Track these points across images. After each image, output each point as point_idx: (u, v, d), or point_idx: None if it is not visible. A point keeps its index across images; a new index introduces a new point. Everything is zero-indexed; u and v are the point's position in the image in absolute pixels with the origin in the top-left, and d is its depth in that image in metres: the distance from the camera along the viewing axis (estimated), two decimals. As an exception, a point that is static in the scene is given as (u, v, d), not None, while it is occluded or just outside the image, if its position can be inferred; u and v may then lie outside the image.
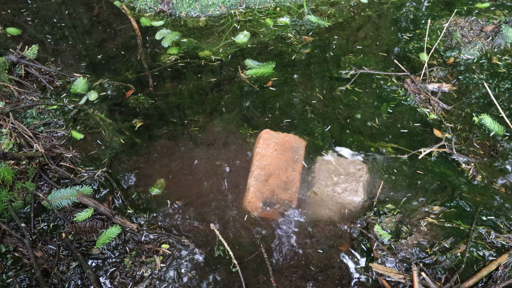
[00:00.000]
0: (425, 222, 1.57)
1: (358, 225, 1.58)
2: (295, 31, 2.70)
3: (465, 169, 1.76)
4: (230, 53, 2.52)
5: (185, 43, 2.60)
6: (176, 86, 2.29)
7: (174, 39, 2.63)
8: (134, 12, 2.96)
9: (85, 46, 2.65)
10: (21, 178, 1.75)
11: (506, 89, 2.16)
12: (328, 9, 2.91)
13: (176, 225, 1.62)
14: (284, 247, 1.54)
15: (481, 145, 1.87)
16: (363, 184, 1.68)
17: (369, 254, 1.50)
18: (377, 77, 2.29)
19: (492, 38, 2.44)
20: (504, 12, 2.66)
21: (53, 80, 2.35)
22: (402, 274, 1.41)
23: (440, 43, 2.50)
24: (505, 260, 1.42)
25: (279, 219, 1.62)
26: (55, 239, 1.58)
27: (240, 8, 2.96)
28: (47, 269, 1.48)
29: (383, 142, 1.90)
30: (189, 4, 2.91)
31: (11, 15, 2.96)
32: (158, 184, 1.75)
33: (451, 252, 1.47)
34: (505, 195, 1.65)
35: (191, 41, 2.61)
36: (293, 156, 1.79)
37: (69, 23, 2.90)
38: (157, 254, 1.51)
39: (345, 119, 2.04)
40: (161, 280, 1.45)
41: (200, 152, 1.89)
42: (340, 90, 2.21)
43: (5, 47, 2.57)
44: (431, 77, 2.25)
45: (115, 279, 1.45)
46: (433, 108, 2.06)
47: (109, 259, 1.52)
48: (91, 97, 2.20)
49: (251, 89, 2.24)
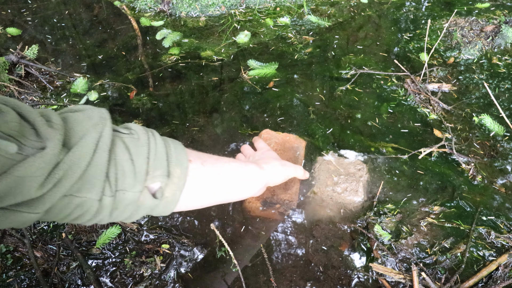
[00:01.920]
0: (425, 222, 1.57)
1: (358, 225, 1.58)
2: (295, 31, 2.69)
3: (465, 169, 1.76)
4: (232, 53, 2.52)
5: (186, 43, 2.60)
6: (177, 86, 2.29)
7: (175, 39, 2.63)
8: (134, 12, 2.96)
9: (85, 46, 2.65)
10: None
11: (506, 89, 2.16)
12: (328, 9, 2.91)
13: (176, 225, 1.62)
14: (284, 247, 1.54)
15: (481, 145, 1.87)
16: (363, 184, 1.69)
17: (369, 254, 1.50)
18: (377, 77, 2.29)
19: (492, 38, 2.44)
20: (504, 12, 2.66)
21: (53, 80, 2.35)
22: (402, 274, 1.41)
23: (440, 43, 2.50)
24: (505, 260, 1.42)
25: (279, 219, 1.63)
26: (55, 239, 1.58)
27: (240, 8, 2.96)
28: (47, 269, 1.48)
29: (383, 142, 1.90)
30: (189, 4, 2.91)
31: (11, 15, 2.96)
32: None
33: (451, 252, 1.47)
34: (505, 195, 1.65)
35: (192, 42, 2.61)
36: (293, 156, 1.79)
37: (69, 23, 2.90)
38: (157, 254, 1.52)
39: (345, 119, 2.04)
40: (161, 280, 1.45)
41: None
42: (340, 90, 2.21)
43: (5, 47, 2.56)
44: (431, 77, 2.25)
45: (115, 279, 1.46)
46: (433, 108, 2.06)
47: (109, 259, 1.52)
48: (91, 97, 2.20)
49: (253, 90, 2.24)
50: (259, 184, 0.99)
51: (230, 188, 0.83)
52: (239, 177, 0.86)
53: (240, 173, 0.87)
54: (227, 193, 0.83)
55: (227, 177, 0.81)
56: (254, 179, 0.93)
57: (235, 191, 0.87)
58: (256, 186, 0.97)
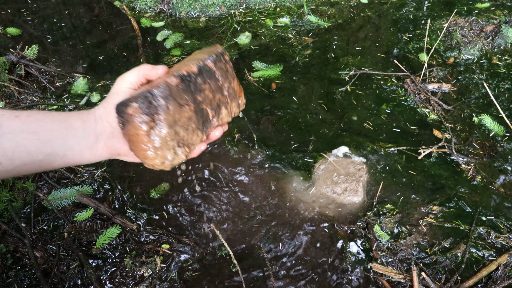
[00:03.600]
0: (424, 222, 1.57)
1: (358, 225, 1.58)
2: (295, 32, 2.70)
3: (465, 169, 1.76)
4: (234, 55, 2.52)
5: (188, 45, 2.60)
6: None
7: (177, 40, 2.63)
8: (134, 13, 2.97)
9: (85, 46, 2.65)
10: (21, 178, 1.75)
11: (506, 89, 2.17)
12: (328, 9, 2.91)
13: (176, 225, 1.62)
14: (284, 248, 1.54)
15: (481, 145, 1.87)
16: (363, 184, 1.69)
17: (369, 255, 1.50)
18: (377, 77, 2.29)
19: (492, 38, 2.44)
20: (504, 12, 2.66)
21: (53, 80, 2.36)
22: (402, 274, 1.41)
23: (440, 43, 2.50)
24: (505, 260, 1.42)
25: (279, 219, 1.63)
26: (55, 239, 1.58)
27: (240, 8, 2.96)
28: (47, 269, 1.48)
29: (383, 142, 1.90)
30: (189, 4, 2.91)
31: (11, 15, 2.97)
32: (161, 187, 1.75)
33: (451, 252, 1.47)
34: (505, 195, 1.66)
35: (194, 43, 2.61)
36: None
37: (69, 23, 2.90)
38: (157, 254, 1.52)
39: (345, 119, 2.04)
40: (161, 280, 1.45)
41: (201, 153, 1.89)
42: (340, 90, 2.21)
43: (5, 47, 2.57)
44: (431, 77, 2.25)
45: (115, 279, 1.46)
46: (433, 108, 2.06)
47: (109, 259, 1.52)
48: (93, 99, 2.20)
49: (257, 91, 2.24)
50: (90, 144, 0.69)
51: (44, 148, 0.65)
52: (56, 133, 0.66)
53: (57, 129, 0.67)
54: (44, 154, 0.65)
55: (40, 133, 0.65)
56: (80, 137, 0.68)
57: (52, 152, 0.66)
58: (86, 146, 0.69)
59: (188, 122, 0.67)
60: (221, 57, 0.71)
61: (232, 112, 0.76)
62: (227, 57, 0.72)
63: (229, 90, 0.73)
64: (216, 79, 0.70)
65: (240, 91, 0.76)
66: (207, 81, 0.69)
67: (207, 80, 0.69)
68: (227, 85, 0.72)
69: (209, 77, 0.69)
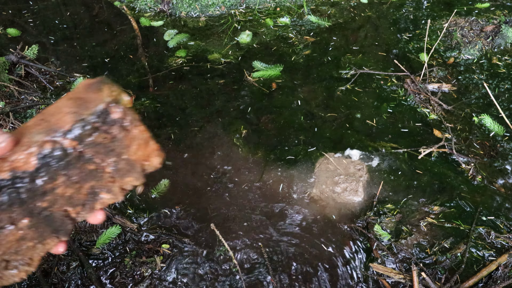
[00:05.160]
0: (425, 222, 1.57)
1: (358, 225, 1.58)
2: (295, 31, 2.70)
3: (465, 169, 1.76)
4: (240, 55, 2.51)
5: (193, 46, 2.59)
6: (181, 88, 2.29)
7: (182, 40, 2.62)
8: (134, 13, 2.97)
9: (85, 46, 2.65)
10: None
11: (506, 89, 2.17)
12: (328, 9, 2.91)
13: (177, 225, 1.62)
14: (284, 248, 1.54)
15: (481, 145, 1.87)
16: (363, 184, 1.69)
17: (369, 254, 1.50)
18: (377, 77, 2.29)
19: (492, 38, 2.44)
20: (504, 12, 2.66)
21: (53, 80, 2.36)
22: (402, 274, 1.41)
23: (440, 43, 2.50)
24: (505, 260, 1.42)
25: (279, 218, 1.63)
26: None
27: (240, 8, 2.96)
28: (47, 269, 1.48)
29: (383, 142, 1.90)
30: (189, 4, 2.91)
31: (11, 16, 2.97)
32: (161, 185, 1.75)
33: (451, 252, 1.47)
34: (505, 195, 1.66)
35: (198, 44, 2.60)
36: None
37: (69, 23, 2.90)
38: (157, 254, 1.52)
39: (345, 118, 2.04)
40: (161, 280, 1.45)
41: (201, 154, 1.89)
42: (340, 90, 2.21)
43: (5, 47, 2.57)
44: (431, 77, 2.25)
45: (115, 279, 1.46)
46: (433, 108, 2.06)
47: (109, 259, 1.52)
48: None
49: (257, 91, 2.24)
50: None
51: None
52: None
53: None
54: None
55: None
56: None
57: None
58: None
59: (20, 243, 0.47)
60: (105, 118, 0.46)
61: (127, 187, 0.52)
62: (124, 107, 0.47)
63: (119, 164, 0.49)
64: (84, 163, 0.47)
65: (147, 154, 0.51)
66: (60, 174, 0.46)
67: (60, 172, 0.46)
68: (113, 160, 0.49)
69: (66, 166, 0.46)
